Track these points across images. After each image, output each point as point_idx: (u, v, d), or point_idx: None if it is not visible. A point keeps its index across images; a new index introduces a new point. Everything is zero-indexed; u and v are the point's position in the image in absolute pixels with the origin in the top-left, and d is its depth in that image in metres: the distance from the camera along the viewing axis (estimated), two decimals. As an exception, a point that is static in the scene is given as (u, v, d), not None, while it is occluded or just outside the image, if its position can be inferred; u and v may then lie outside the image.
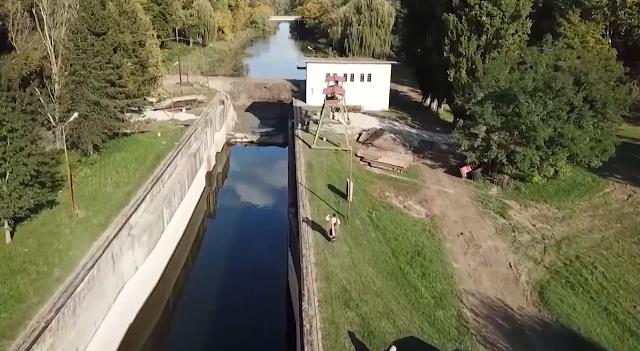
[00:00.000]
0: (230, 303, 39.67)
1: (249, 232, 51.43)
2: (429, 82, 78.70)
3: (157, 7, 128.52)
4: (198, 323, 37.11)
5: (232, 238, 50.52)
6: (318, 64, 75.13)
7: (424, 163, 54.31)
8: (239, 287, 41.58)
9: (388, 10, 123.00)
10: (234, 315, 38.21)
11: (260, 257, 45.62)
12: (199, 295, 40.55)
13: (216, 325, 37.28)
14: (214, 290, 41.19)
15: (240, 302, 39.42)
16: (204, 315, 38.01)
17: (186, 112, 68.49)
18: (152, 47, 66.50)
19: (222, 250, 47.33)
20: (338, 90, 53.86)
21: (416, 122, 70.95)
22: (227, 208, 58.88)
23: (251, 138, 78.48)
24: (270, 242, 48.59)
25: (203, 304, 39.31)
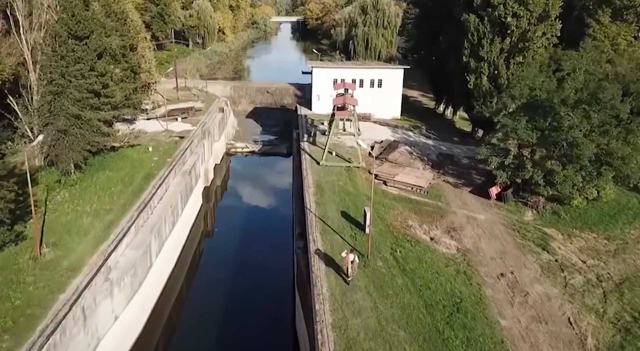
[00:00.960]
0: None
1: (250, 261, 44.68)
2: (443, 88, 72.27)
3: (155, 7, 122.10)
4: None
5: (231, 271, 43.44)
6: (324, 69, 68.65)
7: (446, 181, 47.86)
8: (237, 333, 35.09)
9: (395, 10, 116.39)
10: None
11: (263, 295, 38.88)
12: (189, 347, 33.99)
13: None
14: (209, 339, 34.64)
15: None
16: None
17: (182, 122, 62.05)
18: (144, 51, 60.07)
19: (219, 287, 40.52)
20: (349, 100, 47.38)
21: (431, 131, 64.50)
22: (225, 232, 51.52)
23: (252, 148, 72.00)
24: (274, 276, 41.83)
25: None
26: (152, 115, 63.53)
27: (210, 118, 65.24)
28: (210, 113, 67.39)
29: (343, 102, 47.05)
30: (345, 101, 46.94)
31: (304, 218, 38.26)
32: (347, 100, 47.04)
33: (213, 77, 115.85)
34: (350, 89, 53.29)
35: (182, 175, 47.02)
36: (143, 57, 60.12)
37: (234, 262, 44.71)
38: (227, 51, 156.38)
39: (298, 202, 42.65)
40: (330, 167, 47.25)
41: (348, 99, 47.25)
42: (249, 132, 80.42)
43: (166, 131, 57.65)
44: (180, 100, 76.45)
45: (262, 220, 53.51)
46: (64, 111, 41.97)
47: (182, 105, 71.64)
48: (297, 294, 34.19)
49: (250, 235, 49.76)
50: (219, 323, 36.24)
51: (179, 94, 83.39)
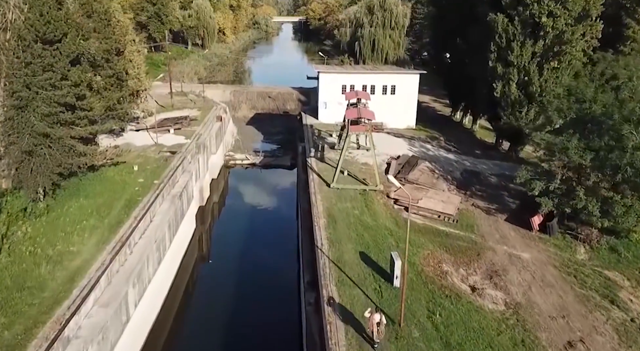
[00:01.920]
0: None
1: (246, 317, 35.83)
2: (461, 94, 65.09)
3: (152, 7, 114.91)
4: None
5: (224, 329, 34.57)
6: (332, 74, 61.45)
7: (475, 205, 40.80)
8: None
9: (402, 10, 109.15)
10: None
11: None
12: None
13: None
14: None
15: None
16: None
17: (174, 134, 54.92)
18: (132, 55, 52.91)
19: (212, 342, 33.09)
20: (365, 113, 40.20)
21: (451, 143, 57.33)
22: (220, 266, 42.72)
23: (253, 160, 64.79)
24: (276, 338, 33.36)
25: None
26: (141, 125, 56.43)
27: (206, 128, 58.09)
28: (206, 123, 60.24)
29: (357, 115, 39.86)
30: (360, 114, 39.74)
31: (313, 259, 31.15)
32: (362, 113, 39.85)
33: (212, 80, 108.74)
34: (363, 99, 46.14)
35: (171, 200, 39.86)
36: (131, 62, 52.97)
37: (228, 317, 35.30)
38: (227, 53, 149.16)
39: (306, 235, 35.50)
40: (342, 190, 40.15)
41: (363, 112, 40.07)
42: (250, 140, 73.27)
43: (156, 145, 50.53)
44: (174, 107, 69.39)
45: (263, 252, 45.12)
46: (29, 128, 34.91)
47: (176, 114, 64.55)
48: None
49: (248, 273, 40.85)
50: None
51: (174, 100, 76.32)
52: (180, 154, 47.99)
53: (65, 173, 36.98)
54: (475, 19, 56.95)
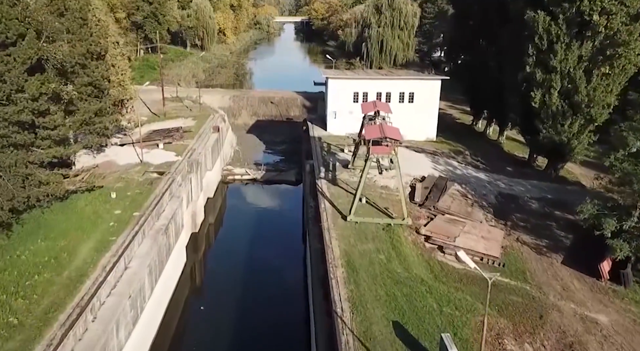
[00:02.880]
0: None
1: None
2: (485, 102, 57.40)
3: (148, 6, 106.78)
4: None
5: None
6: (342, 80, 53.68)
7: (520, 240, 33.29)
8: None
9: (412, 9, 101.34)
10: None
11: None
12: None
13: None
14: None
15: None
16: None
17: (164, 149, 47.21)
18: (115, 59, 45.18)
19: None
20: (390, 132, 32.38)
21: (478, 158, 49.64)
22: (213, 306, 35.07)
23: (254, 175, 57.02)
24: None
25: None
26: (127, 139, 48.77)
27: (201, 142, 50.37)
28: (201, 135, 52.51)
29: (380, 134, 32.08)
30: (383, 132, 31.98)
31: (331, 331, 23.40)
32: (386, 130, 32.06)
33: (211, 83, 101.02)
34: (383, 111, 38.41)
35: (154, 238, 32.15)
36: (113, 67, 45.27)
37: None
38: (227, 54, 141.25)
39: (319, 289, 27.73)
40: (362, 224, 32.49)
41: (388, 131, 32.27)
42: (250, 151, 65.56)
43: (142, 164, 42.85)
44: (167, 116, 61.67)
45: (262, 303, 35.82)
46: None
47: (168, 124, 56.85)
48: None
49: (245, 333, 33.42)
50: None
51: (168, 107, 68.60)
52: (169, 176, 40.30)
53: (21, 209, 29.35)
54: (506, 18, 49.33)
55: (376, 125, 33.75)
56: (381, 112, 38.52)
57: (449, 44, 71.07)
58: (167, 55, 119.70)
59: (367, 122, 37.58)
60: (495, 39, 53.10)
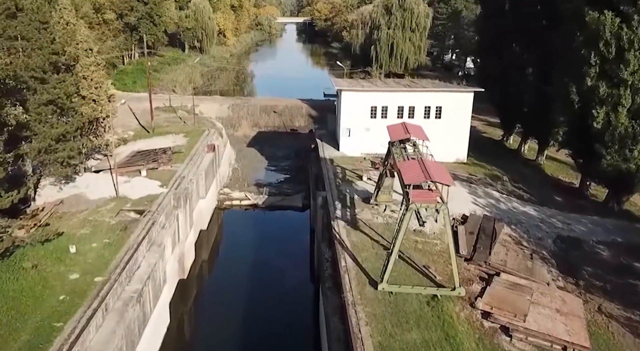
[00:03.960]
0: None
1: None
2: (522, 116, 48.80)
3: (143, 6, 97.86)
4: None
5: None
6: (358, 93, 44.99)
7: (606, 311, 24.79)
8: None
9: (424, 10, 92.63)
10: None
11: None
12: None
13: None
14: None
15: None
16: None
17: (147, 177, 38.53)
18: (88, 70, 36.52)
19: None
20: (437, 173, 23.53)
21: (518, 184, 41.00)
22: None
23: (255, 200, 48.41)
24: None
25: None
26: (103, 164, 40.16)
27: (193, 166, 41.73)
28: (194, 156, 43.88)
29: (424, 177, 23.34)
30: (428, 175, 23.23)
31: None
32: (432, 173, 23.31)
33: (209, 90, 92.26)
34: (417, 137, 29.83)
35: (122, 313, 23.57)
36: (85, 80, 36.61)
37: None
38: (227, 56, 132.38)
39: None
40: (398, 296, 23.91)
41: (434, 171, 23.50)
42: (251, 169, 57.04)
43: (117, 199, 34.23)
44: (156, 131, 53.06)
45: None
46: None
47: (155, 142, 48.30)
48: None
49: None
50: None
51: (161, 117, 60.21)
52: (149, 217, 31.68)
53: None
54: (554, 19, 40.80)
55: (415, 161, 25.02)
56: (412, 137, 29.95)
57: (476, 48, 62.18)
58: (163, 58, 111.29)
59: (398, 151, 28.98)
60: (535, 43, 44.62)
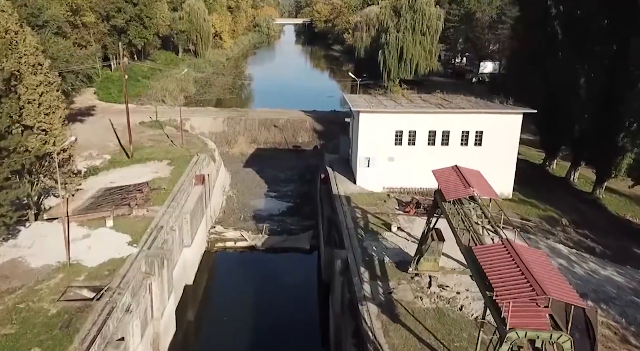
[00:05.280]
0: None
1: None
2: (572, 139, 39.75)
3: (133, 8, 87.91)
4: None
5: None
6: (379, 115, 35.59)
7: None
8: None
9: (436, 12, 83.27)
10: None
11: None
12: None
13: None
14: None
15: None
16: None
17: (114, 228, 29.06)
18: (35, 92, 27.00)
19: None
20: (550, 277, 14.26)
21: (582, 229, 31.92)
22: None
23: (252, 240, 39.02)
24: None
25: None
26: (57, 210, 30.61)
27: (175, 209, 32.31)
28: (177, 194, 34.43)
29: (525, 286, 14.00)
30: (535, 280, 13.93)
31: None
32: (539, 275, 14.03)
33: (202, 98, 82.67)
34: (480, 191, 20.56)
35: None
36: (31, 105, 27.14)
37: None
38: (224, 60, 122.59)
39: None
40: None
41: (542, 271, 14.24)
42: (248, 196, 47.80)
43: (68, 267, 24.82)
44: (136, 156, 43.61)
45: None
46: None
47: (132, 173, 38.87)
48: None
49: None
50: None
51: (145, 135, 50.98)
52: (107, 298, 22.30)
53: None
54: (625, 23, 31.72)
55: (503, 251, 15.62)
56: (474, 189, 20.67)
57: (509, 56, 52.82)
58: (155, 62, 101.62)
59: (459, 219, 19.67)
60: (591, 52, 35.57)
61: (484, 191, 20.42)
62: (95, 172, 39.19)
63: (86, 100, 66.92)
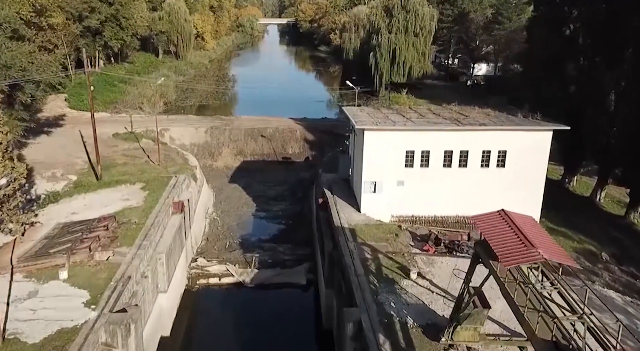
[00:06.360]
0: None
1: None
2: (599, 155, 34.77)
3: (108, 7, 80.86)
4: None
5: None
6: (387, 133, 29.97)
7: None
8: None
9: (429, 12, 78.02)
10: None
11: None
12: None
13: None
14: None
15: None
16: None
17: (69, 281, 23.08)
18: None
19: None
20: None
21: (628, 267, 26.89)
22: None
23: (240, 276, 33.28)
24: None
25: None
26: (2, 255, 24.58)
27: (148, 248, 26.41)
28: (151, 230, 28.49)
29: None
30: None
31: None
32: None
33: (184, 104, 76.34)
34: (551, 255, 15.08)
35: None
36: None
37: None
38: (206, 62, 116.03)
39: None
40: None
41: None
42: (234, 218, 42.25)
43: (1, 347, 18.89)
44: (105, 176, 37.46)
45: None
46: None
47: (99, 200, 32.78)
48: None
49: None
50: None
51: (117, 151, 44.86)
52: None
53: None
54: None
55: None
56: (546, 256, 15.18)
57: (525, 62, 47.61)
58: (134, 65, 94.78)
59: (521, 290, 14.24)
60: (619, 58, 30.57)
61: (553, 253, 14.99)
62: (56, 199, 33.09)
63: (56, 109, 60.30)
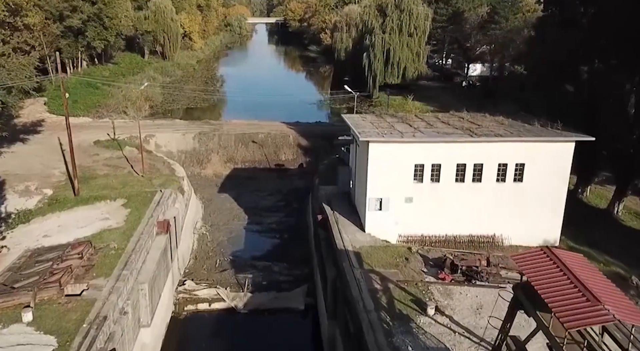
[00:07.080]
0: None
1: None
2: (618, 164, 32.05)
3: (91, 7, 76.63)
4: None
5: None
6: (395, 145, 26.85)
7: None
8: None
9: (424, 11, 75.09)
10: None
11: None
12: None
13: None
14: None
15: None
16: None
17: (33, 323, 19.73)
18: None
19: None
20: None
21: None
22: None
23: (232, 300, 30.04)
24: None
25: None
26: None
27: (128, 279, 23.06)
28: (132, 255, 25.08)
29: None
30: None
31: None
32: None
33: (171, 107, 72.62)
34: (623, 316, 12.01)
35: None
36: None
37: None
38: (194, 63, 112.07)
39: None
40: None
41: None
42: (224, 232, 39.14)
43: None
44: (84, 191, 33.91)
45: None
46: None
47: (77, 218, 29.31)
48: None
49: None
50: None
51: (98, 160, 41.34)
52: None
53: None
54: None
55: None
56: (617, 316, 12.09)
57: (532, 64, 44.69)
58: (118, 66, 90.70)
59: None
60: None
61: (625, 312, 11.95)
62: (27, 219, 29.60)
63: (34, 113, 56.37)
